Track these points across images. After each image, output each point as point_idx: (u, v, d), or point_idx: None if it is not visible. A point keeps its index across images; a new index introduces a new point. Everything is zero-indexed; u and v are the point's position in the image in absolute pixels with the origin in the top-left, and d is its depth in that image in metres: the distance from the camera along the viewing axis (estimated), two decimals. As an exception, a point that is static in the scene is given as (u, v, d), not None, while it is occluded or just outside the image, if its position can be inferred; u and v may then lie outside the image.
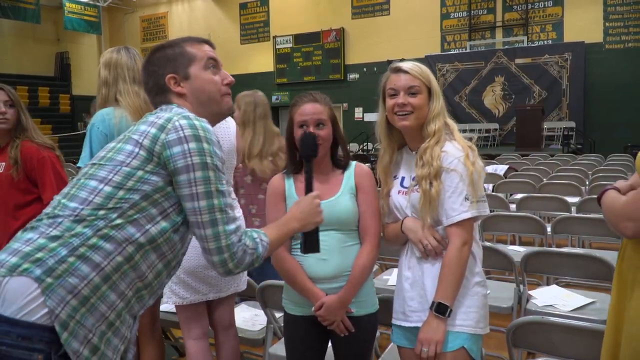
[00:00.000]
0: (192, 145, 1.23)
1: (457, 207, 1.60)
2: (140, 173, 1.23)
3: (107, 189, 1.21)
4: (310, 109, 1.76)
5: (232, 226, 1.28)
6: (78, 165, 2.26)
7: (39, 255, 1.14)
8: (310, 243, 1.54)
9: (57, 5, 16.52)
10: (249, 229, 1.36)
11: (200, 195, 1.24)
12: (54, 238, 1.16)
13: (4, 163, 2.54)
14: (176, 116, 1.27)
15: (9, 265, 1.13)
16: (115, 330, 1.21)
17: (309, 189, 1.57)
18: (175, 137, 1.23)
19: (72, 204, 1.21)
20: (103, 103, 2.27)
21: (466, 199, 1.60)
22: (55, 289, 1.12)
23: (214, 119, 1.41)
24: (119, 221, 1.19)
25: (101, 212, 1.19)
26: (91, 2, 16.86)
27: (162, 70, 1.39)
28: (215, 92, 1.42)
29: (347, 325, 1.75)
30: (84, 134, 2.29)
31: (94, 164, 1.28)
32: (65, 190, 1.27)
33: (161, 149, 1.23)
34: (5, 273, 1.12)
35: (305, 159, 1.65)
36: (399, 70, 1.69)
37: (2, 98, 2.53)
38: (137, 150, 1.24)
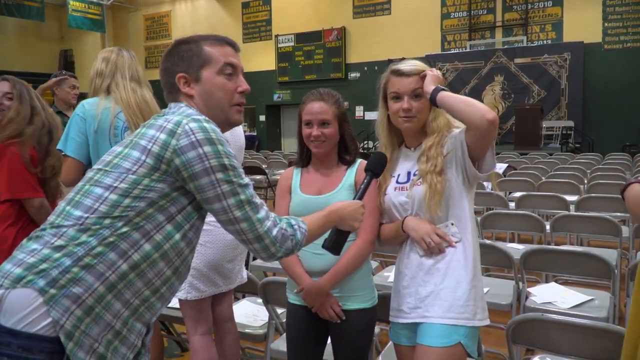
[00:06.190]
0: (207, 148, 1.21)
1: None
2: (146, 181, 1.21)
3: (113, 196, 1.19)
4: (315, 109, 1.79)
5: (262, 213, 1.29)
6: (58, 147, 2.23)
7: (43, 266, 1.13)
8: (336, 242, 1.53)
9: (61, 3, 16.54)
10: (286, 217, 1.38)
11: (227, 194, 1.24)
12: (59, 248, 1.15)
13: None
14: (185, 119, 1.24)
15: (13, 276, 1.12)
16: (122, 339, 1.20)
17: (360, 197, 1.59)
18: (188, 142, 1.20)
19: (77, 212, 1.19)
20: (94, 94, 2.30)
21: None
22: (59, 300, 1.11)
23: (221, 127, 1.34)
24: (124, 229, 1.18)
25: (107, 221, 1.18)
26: (95, 1, 16.85)
27: (175, 68, 1.36)
28: (224, 99, 1.37)
29: (337, 312, 1.77)
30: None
31: (100, 169, 1.25)
32: (70, 196, 1.24)
33: (172, 156, 1.20)
34: (9, 285, 1.11)
35: (368, 172, 1.65)
36: (400, 73, 1.68)
37: (4, 89, 2.49)
38: (144, 157, 1.21)
